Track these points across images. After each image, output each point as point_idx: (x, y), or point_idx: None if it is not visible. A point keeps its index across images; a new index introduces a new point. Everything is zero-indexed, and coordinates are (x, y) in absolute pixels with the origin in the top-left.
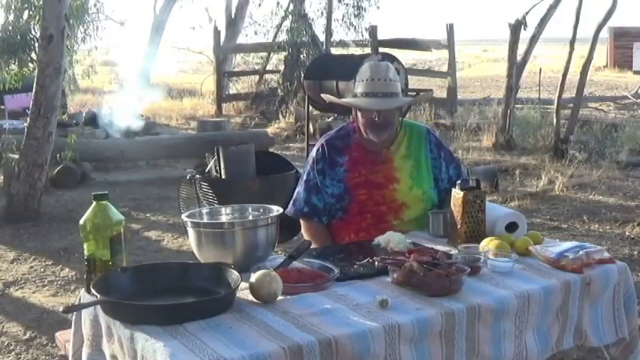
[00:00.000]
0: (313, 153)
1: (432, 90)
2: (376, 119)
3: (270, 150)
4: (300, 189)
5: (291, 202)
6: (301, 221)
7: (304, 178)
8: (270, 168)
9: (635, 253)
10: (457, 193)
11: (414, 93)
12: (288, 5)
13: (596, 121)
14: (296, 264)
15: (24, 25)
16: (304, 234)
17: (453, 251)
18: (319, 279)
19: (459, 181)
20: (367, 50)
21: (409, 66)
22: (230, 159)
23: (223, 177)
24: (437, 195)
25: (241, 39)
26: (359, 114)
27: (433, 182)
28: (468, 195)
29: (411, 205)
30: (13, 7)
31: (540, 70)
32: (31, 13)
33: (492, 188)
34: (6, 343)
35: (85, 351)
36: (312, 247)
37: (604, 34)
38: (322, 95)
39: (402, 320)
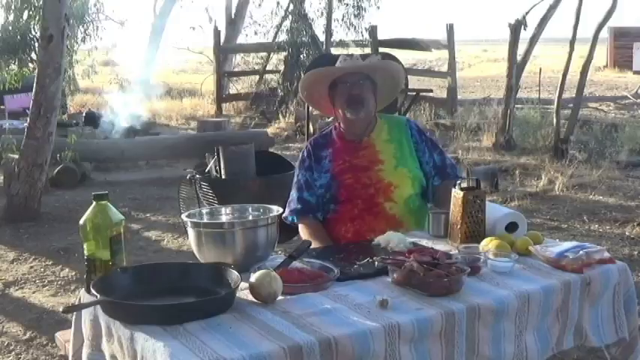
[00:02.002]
0: (300, 156)
1: (431, 91)
2: (353, 93)
3: (270, 150)
4: (292, 192)
5: (286, 205)
6: (298, 224)
7: (294, 180)
8: (270, 168)
9: (635, 253)
10: (457, 193)
11: (414, 93)
12: (288, 5)
13: (596, 121)
14: (296, 264)
15: (24, 25)
16: (302, 235)
17: (453, 251)
18: (319, 279)
19: (458, 181)
20: (367, 50)
21: (409, 66)
22: (230, 159)
23: (223, 177)
24: (426, 180)
25: (241, 39)
26: (337, 100)
27: (418, 163)
28: (468, 195)
29: (399, 184)
30: (13, 7)
31: (540, 70)
32: (31, 13)
33: (492, 188)
34: (6, 343)
35: (85, 351)
36: (312, 246)
37: (604, 34)
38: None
39: (402, 320)
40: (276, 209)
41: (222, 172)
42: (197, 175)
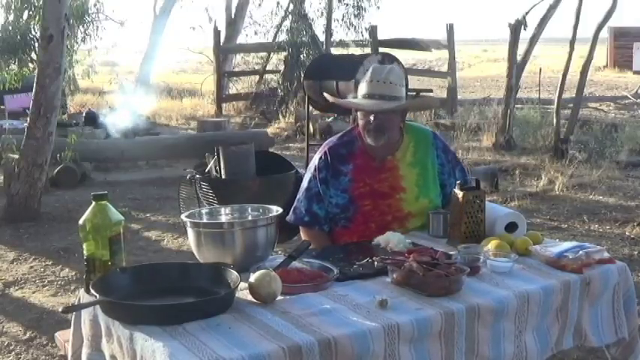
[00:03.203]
0: (315, 161)
1: (431, 91)
2: (371, 122)
3: (270, 150)
4: (300, 196)
5: (292, 209)
6: (301, 228)
7: (305, 186)
8: (270, 168)
9: (635, 253)
10: (457, 193)
11: (414, 93)
12: (288, 5)
13: (596, 121)
14: (295, 264)
15: (24, 25)
16: (303, 237)
17: (453, 251)
18: (319, 279)
19: (458, 181)
20: (367, 50)
21: (409, 66)
22: (230, 159)
23: (223, 177)
24: (442, 200)
25: (241, 39)
26: (359, 115)
27: (439, 189)
28: (468, 195)
29: (417, 215)
30: (13, 7)
31: (540, 70)
32: (31, 13)
33: (492, 188)
34: (6, 343)
35: (85, 351)
36: (311, 247)
37: (604, 34)
38: (325, 94)
39: (402, 320)
40: (275, 209)
41: (222, 172)
42: (197, 175)
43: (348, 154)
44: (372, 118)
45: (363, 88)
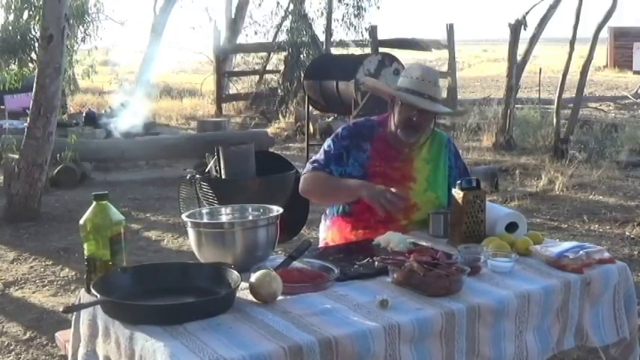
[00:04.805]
0: (339, 130)
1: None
2: (414, 119)
3: (270, 150)
4: (317, 156)
5: (309, 163)
6: (309, 174)
7: (324, 149)
8: (270, 168)
9: (635, 253)
10: (457, 193)
11: None
12: (288, 5)
13: (596, 121)
14: (296, 264)
15: (24, 25)
16: (305, 184)
17: (453, 251)
18: (319, 279)
19: (458, 181)
20: (367, 50)
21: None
22: (230, 159)
23: (223, 177)
24: (448, 202)
25: (241, 39)
26: (397, 110)
27: (446, 189)
28: (468, 195)
29: (422, 207)
30: (13, 7)
31: (540, 70)
32: (31, 13)
33: (492, 188)
34: (6, 343)
35: (81, 351)
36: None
37: (604, 34)
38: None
39: (402, 320)
40: (276, 209)
41: (222, 172)
42: (197, 175)
43: (368, 135)
44: (415, 116)
45: (411, 83)
